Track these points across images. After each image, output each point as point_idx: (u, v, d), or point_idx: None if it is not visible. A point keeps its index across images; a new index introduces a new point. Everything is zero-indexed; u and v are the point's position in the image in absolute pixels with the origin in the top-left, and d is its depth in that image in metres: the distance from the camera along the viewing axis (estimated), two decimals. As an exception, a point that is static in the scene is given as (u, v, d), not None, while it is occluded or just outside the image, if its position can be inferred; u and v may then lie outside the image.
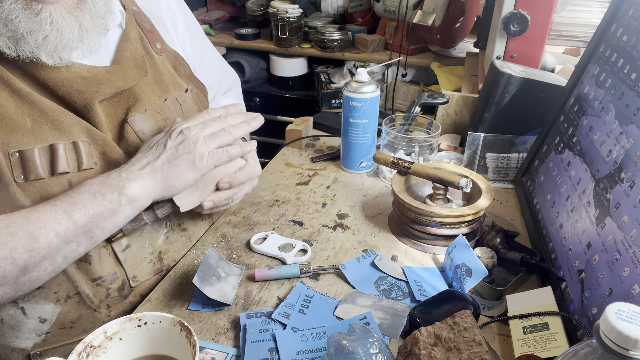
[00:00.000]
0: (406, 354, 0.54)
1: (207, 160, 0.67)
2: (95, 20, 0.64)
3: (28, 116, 0.61)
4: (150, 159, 0.65)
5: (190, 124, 0.68)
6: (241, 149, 0.71)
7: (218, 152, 0.68)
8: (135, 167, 0.64)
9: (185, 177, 0.66)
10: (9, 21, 0.57)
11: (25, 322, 0.66)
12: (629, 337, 0.34)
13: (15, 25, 0.57)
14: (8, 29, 0.58)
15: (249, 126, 0.72)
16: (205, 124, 0.69)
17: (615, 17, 0.78)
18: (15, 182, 0.59)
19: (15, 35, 0.58)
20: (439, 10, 1.71)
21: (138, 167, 0.64)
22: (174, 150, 0.65)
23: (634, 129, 0.62)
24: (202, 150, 0.66)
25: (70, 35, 0.61)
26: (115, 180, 0.61)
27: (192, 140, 0.66)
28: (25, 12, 0.57)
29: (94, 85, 0.65)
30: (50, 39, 0.60)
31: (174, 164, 0.65)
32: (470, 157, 1.00)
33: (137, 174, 0.63)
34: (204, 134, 0.67)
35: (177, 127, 0.68)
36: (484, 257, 0.71)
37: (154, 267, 0.74)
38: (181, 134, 0.66)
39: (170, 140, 0.66)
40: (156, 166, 0.64)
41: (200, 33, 0.94)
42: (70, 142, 0.63)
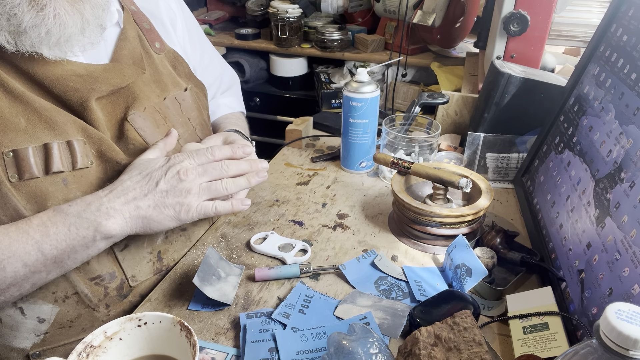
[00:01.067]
0: (406, 354, 0.54)
1: (193, 214, 0.64)
2: (95, 11, 0.64)
3: (22, 116, 0.61)
4: (137, 195, 0.62)
5: (189, 163, 0.65)
6: (232, 207, 0.68)
7: (206, 207, 0.65)
8: (119, 201, 0.61)
9: (166, 224, 0.64)
10: (11, 16, 0.57)
11: (24, 323, 0.66)
12: (629, 337, 0.34)
13: (18, 20, 0.57)
14: (10, 23, 0.57)
15: (249, 183, 0.69)
16: (205, 169, 0.66)
17: (615, 17, 0.78)
18: (9, 182, 0.59)
19: (17, 29, 0.58)
20: (439, 10, 1.70)
21: (122, 201, 0.61)
22: (164, 195, 0.63)
23: (634, 129, 0.62)
24: (192, 203, 0.64)
25: (72, 28, 0.61)
26: (94, 214, 0.60)
27: (185, 189, 0.63)
28: (30, 6, 0.57)
29: (89, 83, 0.65)
30: (53, 33, 0.59)
31: (159, 210, 0.63)
32: (470, 157, 1.00)
33: (118, 209, 0.61)
34: (199, 182, 0.65)
35: (175, 165, 0.64)
36: (484, 257, 0.71)
37: (154, 266, 0.74)
38: (177, 175, 0.64)
39: (164, 179, 0.63)
40: (141, 206, 0.62)
41: (200, 33, 0.94)
42: (64, 142, 0.62)
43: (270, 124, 2.23)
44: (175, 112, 0.76)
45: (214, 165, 0.66)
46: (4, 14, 0.57)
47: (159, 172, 0.64)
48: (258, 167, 0.70)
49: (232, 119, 0.97)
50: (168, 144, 0.71)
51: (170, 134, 0.72)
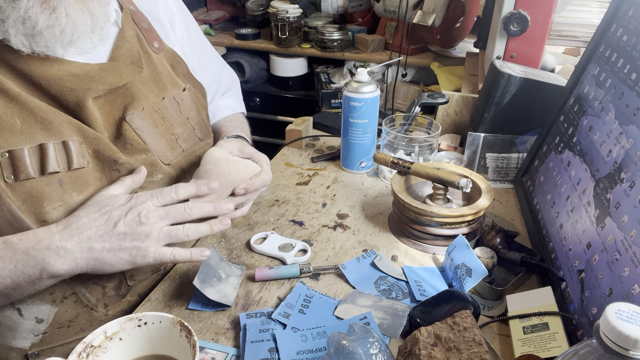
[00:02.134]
0: (406, 354, 0.54)
1: (149, 260, 0.62)
2: (102, 8, 0.65)
3: (17, 116, 0.61)
4: (92, 235, 0.60)
5: (152, 203, 0.63)
6: (191, 256, 0.65)
7: (164, 254, 0.63)
8: (72, 241, 0.59)
9: (119, 267, 0.62)
10: (26, 18, 0.58)
11: (22, 323, 0.66)
12: (629, 337, 0.34)
13: (33, 22, 0.58)
14: (25, 26, 0.58)
15: (211, 230, 0.67)
16: (167, 213, 0.63)
17: (615, 17, 0.78)
18: (5, 182, 0.59)
19: (32, 31, 0.59)
20: (439, 10, 1.70)
21: (76, 240, 0.59)
22: (122, 238, 0.60)
23: (634, 129, 0.62)
24: (150, 248, 0.62)
25: (84, 26, 0.62)
26: (42, 252, 0.58)
27: (144, 233, 0.61)
28: (42, 8, 0.58)
29: (86, 83, 0.65)
30: (66, 32, 0.61)
31: (114, 253, 0.61)
32: (470, 157, 1.00)
33: (70, 250, 0.59)
34: (160, 226, 0.62)
35: (136, 206, 0.62)
36: (484, 257, 0.71)
37: (152, 266, 0.74)
38: (137, 217, 0.61)
39: (123, 220, 0.61)
40: (95, 248, 0.60)
41: (199, 33, 0.94)
42: (60, 142, 0.62)
43: (270, 124, 2.23)
44: (174, 112, 0.76)
45: (177, 208, 0.64)
46: (18, 18, 0.58)
47: (119, 212, 0.62)
48: (222, 210, 0.68)
49: (235, 122, 0.97)
50: (135, 182, 0.68)
51: (139, 172, 0.68)
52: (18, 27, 0.58)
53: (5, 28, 0.58)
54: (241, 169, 0.73)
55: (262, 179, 0.75)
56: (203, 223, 0.67)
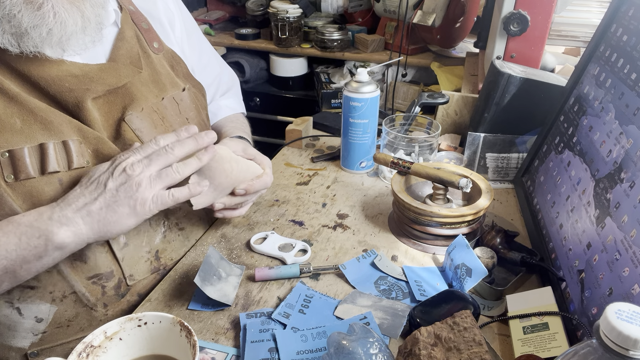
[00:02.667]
0: (406, 354, 0.54)
1: (150, 206, 0.62)
2: (95, 9, 0.64)
3: (17, 116, 0.61)
4: (87, 200, 0.60)
5: (135, 157, 0.63)
6: (189, 191, 0.66)
7: (163, 196, 0.63)
8: (70, 209, 0.59)
9: (125, 223, 0.62)
10: (11, 17, 0.57)
11: (22, 322, 0.66)
12: (629, 337, 0.34)
13: (18, 21, 0.57)
14: (11, 24, 0.57)
15: (200, 161, 0.66)
16: (150, 159, 0.63)
17: (615, 17, 0.78)
18: (5, 182, 0.59)
19: (19, 31, 0.58)
20: (439, 10, 1.70)
21: (73, 208, 0.59)
22: (114, 193, 0.60)
23: (634, 129, 0.62)
24: (145, 195, 0.61)
25: (73, 26, 0.61)
26: (45, 222, 0.58)
27: (135, 183, 0.61)
28: (27, 6, 0.57)
29: (85, 83, 0.65)
30: (54, 32, 0.59)
31: (112, 209, 0.60)
32: (470, 157, 1.00)
33: (70, 217, 0.59)
34: (148, 173, 0.62)
35: (120, 163, 0.62)
36: (484, 257, 0.71)
37: (151, 265, 0.74)
38: (124, 172, 0.61)
39: (111, 179, 0.61)
40: (92, 210, 0.60)
41: (198, 33, 0.94)
42: (60, 142, 0.62)
43: (270, 124, 2.23)
44: (174, 112, 0.76)
45: (158, 152, 0.64)
46: (4, 17, 0.57)
47: (106, 174, 0.62)
48: (204, 140, 0.67)
49: (236, 123, 0.97)
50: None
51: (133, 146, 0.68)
52: (4, 27, 0.57)
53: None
54: (244, 169, 0.73)
55: (263, 181, 0.75)
56: (191, 157, 0.66)
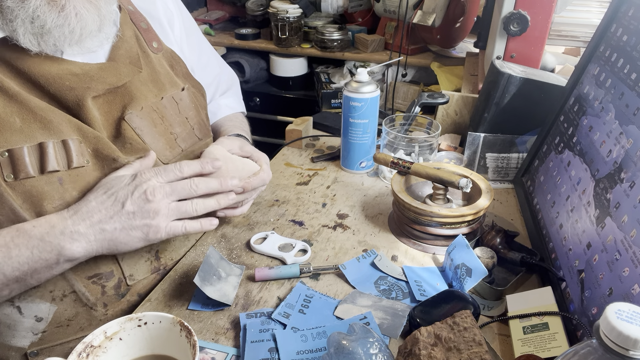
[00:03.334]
0: (406, 354, 0.54)
1: (162, 235, 0.64)
2: (109, 6, 0.65)
3: (17, 115, 0.61)
4: (102, 217, 0.61)
5: (156, 181, 0.63)
6: (201, 226, 0.67)
7: (176, 228, 0.64)
8: (84, 224, 0.60)
9: (134, 245, 0.63)
10: (35, 18, 0.58)
11: (22, 321, 0.66)
12: (629, 337, 0.34)
13: (42, 22, 0.58)
14: (34, 25, 0.58)
15: (218, 205, 0.68)
16: (173, 189, 0.64)
17: (615, 17, 0.78)
18: (5, 182, 0.59)
19: (41, 30, 0.59)
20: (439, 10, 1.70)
21: (87, 224, 0.60)
22: (131, 217, 0.61)
23: (634, 129, 0.62)
24: (160, 225, 0.63)
25: (92, 25, 0.62)
26: (57, 237, 0.59)
27: (152, 210, 0.62)
28: (50, 6, 0.58)
29: (85, 82, 0.65)
30: (76, 31, 0.61)
31: (126, 232, 0.61)
32: (470, 157, 1.00)
33: (83, 233, 0.60)
34: (167, 202, 0.63)
35: (142, 184, 0.62)
36: (484, 257, 0.71)
37: (151, 265, 0.74)
38: (144, 195, 0.62)
39: (130, 199, 0.61)
40: (106, 229, 0.61)
41: (198, 33, 0.94)
42: (59, 141, 0.63)
43: (270, 124, 2.23)
44: (173, 111, 0.76)
45: (182, 184, 0.65)
46: (27, 17, 0.58)
47: (125, 192, 0.62)
48: (228, 185, 0.69)
49: (235, 121, 0.97)
50: (144, 166, 0.68)
51: (148, 156, 0.69)
52: (27, 26, 0.58)
53: (13, 27, 0.58)
54: (239, 167, 0.74)
55: (260, 178, 0.75)
56: (210, 197, 0.68)
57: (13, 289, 0.60)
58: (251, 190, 0.76)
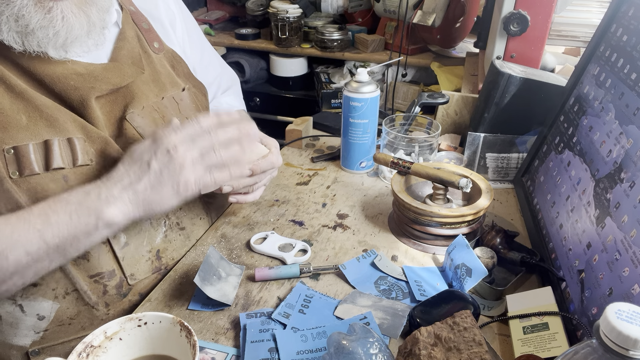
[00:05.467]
0: (406, 354, 0.54)
1: (193, 188, 0.63)
2: (101, 14, 0.65)
3: (23, 113, 0.61)
4: (132, 180, 0.62)
5: (177, 137, 0.64)
6: (230, 173, 0.66)
7: (205, 179, 0.64)
8: (116, 188, 0.61)
9: (168, 202, 0.63)
10: (20, 17, 0.58)
11: (24, 320, 0.66)
12: (629, 337, 0.34)
13: (26, 21, 0.58)
14: (18, 23, 0.58)
15: (242, 150, 0.68)
16: (194, 140, 0.64)
17: (615, 17, 0.78)
18: (10, 178, 0.59)
19: (25, 30, 0.59)
20: (439, 10, 1.71)
21: (119, 187, 0.61)
22: (159, 174, 0.62)
23: (634, 129, 0.62)
24: (188, 177, 0.63)
25: (79, 30, 0.62)
26: (94, 202, 0.59)
27: (178, 164, 0.62)
28: (37, 7, 0.58)
29: (90, 82, 0.66)
30: (60, 34, 0.60)
31: (156, 190, 0.62)
32: (470, 157, 1.00)
33: (117, 196, 0.60)
34: (191, 155, 0.63)
35: (163, 143, 0.63)
36: (484, 257, 0.71)
37: (152, 265, 0.74)
38: (168, 153, 0.62)
39: (155, 159, 0.62)
40: (138, 189, 0.61)
41: (199, 33, 0.94)
42: (65, 139, 0.63)
43: (270, 124, 2.23)
44: (174, 111, 0.77)
45: (201, 134, 0.65)
46: (12, 15, 0.58)
47: (149, 153, 0.63)
48: (247, 130, 0.68)
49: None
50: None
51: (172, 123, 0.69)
52: (11, 24, 0.58)
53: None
54: (248, 150, 0.73)
55: (269, 161, 0.74)
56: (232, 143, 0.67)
57: (53, 260, 0.60)
58: (260, 174, 0.75)
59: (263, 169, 0.74)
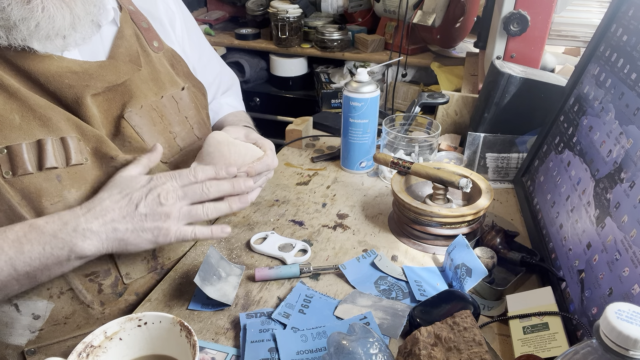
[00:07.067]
0: (406, 354, 0.54)
1: (171, 239, 0.64)
2: (87, 7, 0.64)
3: (16, 112, 0.61)
4: (115, 217, 0.61)
5: (171, 185, 0.64)
6: (211, 233, 0.67)
7: (185, 232, 0.65)
8: (97, 222, 0.60)
9: (143, 247, 0.64)
10: (0, 9, 0.57)
11: (19, 319, 0.66)
12: (629, 337, 0.34)
13: (7, 14, 0.58)
14: (1, 17, 0.58)
15: (230, 209, 0.68)
16: (185, 193, 0.64)
17: (615, 17, 0.78)
18: (3, 178, 0.59)
19: (8, 23, 0.58)
20: (439, 10, 1.71)
21: (100, 222, 0.61)
22: (143, 219, 0.62)
23: (634, 129, 0.62)
24: (171, 228, 0.63)
25: (61, 22, 0.61)
26: (70, 234, 0.59)
27: (164, 213, 0.63)
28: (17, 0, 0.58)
29: (84, 80, 0.65)
30: (42, 26, 0.60)
31: (137, 234, 0.62)
32: (470, 157, 1.00)
33: (95, 231, 0.60)
34: (179, 206, 0.64)
35: (156, 187, 0.63)
36: (484, 257, 0.71)
37: (148, 264, 0.74)
38: (157, 199, 0.63)
39: (144, 202, 0.62)
40: (118, 229, 0.61)
41: (199, 33, 0.94)
42: (58, 138, 0.63)
43: (270, 124, 2.24)
44: (173, 110, 0.76)
45: (194, 188, 0.65)
46: None
47: (139, 194, 0.63)
48: (241, 187, 0.68)
49: (239, 117, 0.98)
50: (152, 160, 0.69)
51: (155, 150, 0.70)
52: None
53: None
54: (242, 152, 0.73)
55: (264, 163, 0.74)
56: (222, 201, 0.68)
57: (23, 285, 0.60)
58: (256, 176, 0.75)
59: (258, 171, 0.74)
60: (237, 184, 0.68)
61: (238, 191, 0.68)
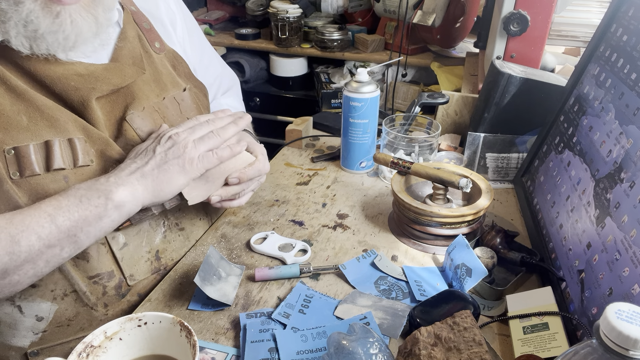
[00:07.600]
0: (406, 354, 0.54)
1: (197, 164, 0.67)
2: (107, 13, 0.65)
3: (24, 113, 0.61)
4: (139, 165, 0.65)
5: (178, 129, 0.69)
6: (231, 150, 0.70)
7: (208, 155, 0.68)
8: (124, 173, 0.63)
9: (176, 182, 0.66)
10: (28, 22, 0.58)
11: (22, 321, 0.66)
12: (629, 337, 0.34)
13: (35, 26, 0.58)
14: (27, 29, 0.58)
15: (237, 126, 0.72)
16: (193, 129, 0.69)
17: (615, 17, 0.78)
18: (11, 179, 0.59)
19: (35, 35, 0.59)
20: (439, 10, 1.71)
21: (127, 172, 0.63)
22: (164, 155, 0.65)
23: (634, 129, 0.62)
24: (192, 154, 0.66)
25: (88, 32, 0.63)
26: (103, 184, 0.61)
27: (181, 145, 0.66)
28: (44, 12, 0.58)
29: (90, 82, 0.66)
30: (70, 38, 0.61)
31: (163, 169, 0.65)
32: (470, 157, 1.00)
33: (125, 179, 0.62)
34: (192, 137, 0.68)
35: (165, 133, 0.68)
36: (484, 257, 0.71)
37: (152, 266, 0.74)
38: (170, 139, 0.67)
39: (159, 145, 0.66)
40: (145, 171, 0.64)
41: (200, 33, 0.94)
42: (65, 139, 0.63)
43: (270, 124, 2.24)
44: (174, 112, 0.76)
45: (200, 123, 0.71)
46: (20, 21, 0.58)
47: (153, 143, 0.67)
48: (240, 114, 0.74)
49: None
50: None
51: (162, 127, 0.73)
52: (19, 29, 0.58)
53: (5, 29, 0.58)
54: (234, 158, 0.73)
55: (255, 168, 0.75)
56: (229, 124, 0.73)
57: (64, 246, 0.60)
58: (248, 181, 0.75)
59: (250, 177, 0.75)
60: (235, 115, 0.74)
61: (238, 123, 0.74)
